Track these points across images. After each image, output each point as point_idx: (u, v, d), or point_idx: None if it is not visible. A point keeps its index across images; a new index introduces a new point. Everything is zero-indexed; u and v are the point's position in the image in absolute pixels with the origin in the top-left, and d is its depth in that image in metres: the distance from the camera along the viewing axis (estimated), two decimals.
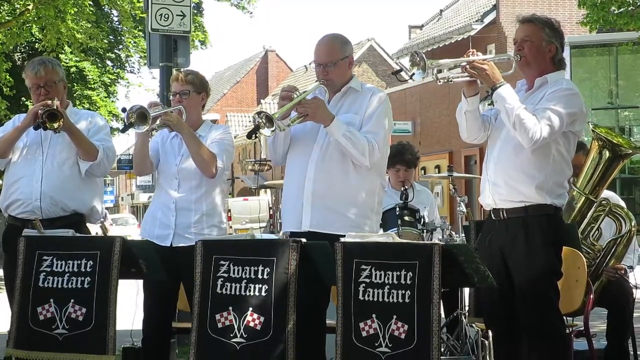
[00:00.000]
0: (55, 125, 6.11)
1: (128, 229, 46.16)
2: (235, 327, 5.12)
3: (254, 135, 5.66)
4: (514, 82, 5.60)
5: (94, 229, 6.60)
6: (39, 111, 6.16)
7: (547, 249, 5.30)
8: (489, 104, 5.44)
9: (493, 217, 5.48)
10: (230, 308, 5.16)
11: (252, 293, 5.12)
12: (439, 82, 5.42)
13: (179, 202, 6.12)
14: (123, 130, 6.07)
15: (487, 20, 35.31)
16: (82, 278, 5.49)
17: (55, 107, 6.15)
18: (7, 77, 21.08)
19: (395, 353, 4.71)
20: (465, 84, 5.43)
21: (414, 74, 5.33)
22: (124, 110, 5.97)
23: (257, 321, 5.08)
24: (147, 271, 5.70)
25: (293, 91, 5.76)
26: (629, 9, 18.59)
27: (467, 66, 5.33)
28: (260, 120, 5.55)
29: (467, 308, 7.37)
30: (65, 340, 5.45)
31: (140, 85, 30.05)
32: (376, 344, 4.76)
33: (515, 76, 5.53)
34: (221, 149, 6.16)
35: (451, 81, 5.45)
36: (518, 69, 5.48)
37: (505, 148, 5.41)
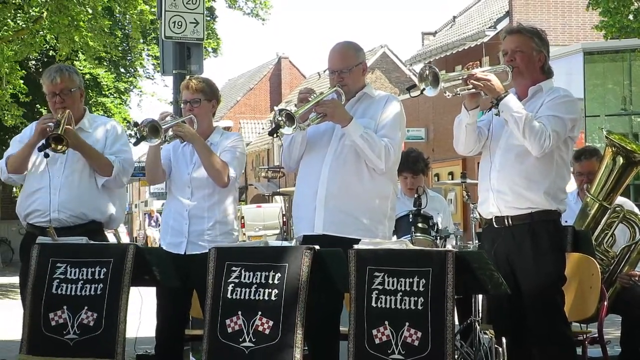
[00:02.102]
0: (60, 148, 6.08)
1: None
2: (245, 331, 5.12)
3: (275, 134, 5.67)
4: None
5: (111, 237, 6.61)
6: (47, 128, 6.15)
7: (555, 255, 5.34)
8: (495, 114, 5.45)
9: (496, 225, 5.48)
10: (240, 312, 5.16)
11: (261, 297, 5.12)
12: (447, 95, 5.44)
13: (192, 210, 6.13)
14: (135, 144, 6.04)
15: (500, 26, 35.19)
16: (96, 285, 5.50)
17: (59, 134, 6.08)
18: (22, 84, 21.15)
19: None
20: (467, 97, 5.47)
21: (424, 89, 5.33)
22: (135, 124, 5.96)
23: (265, 325, 5.07)
24: (161, 278, 5.70)
25: (310, 93, 5.78)
26: None
27: (471, 79, 5.35)
28: (281, 119, 5.57)
29: (480, 315, 7.35)
30: (75, 345, 5.45)
31: (153, 95, 30.13)
32: (389, 351, 4.75)
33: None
34: (233, 158, 6.17)
35: (459, 94, 5.48)
36: (512, 79, 5.52)
37: (507, 156, 5.44)
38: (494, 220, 5.50)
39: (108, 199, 6.43)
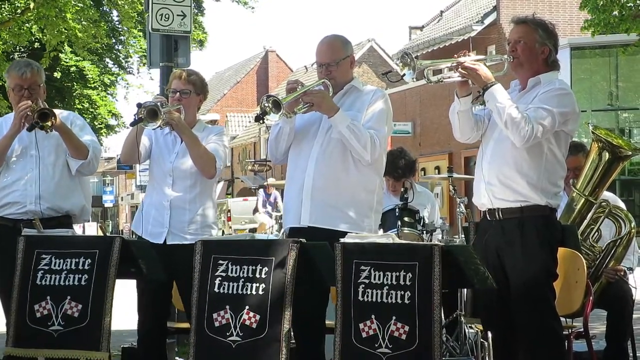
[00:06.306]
0: (49, 123, 6.10)
1: None
2: (232, 325, 5.11)
3: (261, 120, 5.66)
4: (508, 82, 5.62)
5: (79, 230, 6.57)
6: (29, 113, 6.14)
7: (544, 251, 5.30)
8: (480, 104, 5.44)
9: (488, 218, 5.48)
10: (227, 307, 5.14)
11: (249, 292, 5.11)
12: (431, 82, 5.43)
13: (173, 201, 6.10)
14: (132, 124, 5.96)
15: (487, 21, 35.35)
16: (80, 275, 5.48)
17: (45, 107, 6.14)
18: None
19: (395, 354, 4.70)
20: (458, 84, 5.45)
21: (404, 74, 5.35)
22: (138, 105, 5.91)
23: (253, 319, 5.06)
24: (147, 271, 5.68)
25: (298, 84, 5.79)
26: (632, 10, 18.59)
27: (458, 67, 5.34)
28: (268, 105, 5.57)
29: (464, 309, 7.36)
30: (60, 336, 5.43)
31: (140, 87, 30.04)
32: (376, 345, 4.74)
33: (509, 77, 5.54)
34: (219, 151, 6.16)
35: (442, 81, 5.48)
36: (511, 69, 5.50)
37: (498, 147, 5.42)
38: (486, 212, 5.49)
39: (80, 192, 6.46)
